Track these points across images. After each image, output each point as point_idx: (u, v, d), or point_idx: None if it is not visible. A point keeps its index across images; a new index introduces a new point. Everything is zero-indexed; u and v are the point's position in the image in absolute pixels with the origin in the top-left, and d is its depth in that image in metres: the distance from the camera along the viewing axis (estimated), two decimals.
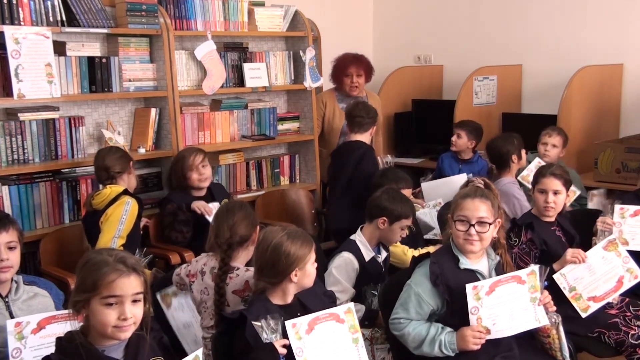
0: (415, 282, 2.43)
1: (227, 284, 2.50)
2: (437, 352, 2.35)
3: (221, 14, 4.35)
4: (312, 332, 2.13)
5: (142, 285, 1.84)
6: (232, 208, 2.65)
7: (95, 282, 1.78)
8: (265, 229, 2.37)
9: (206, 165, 3.82)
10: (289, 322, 2.10)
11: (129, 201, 3.30)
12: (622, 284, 2.84)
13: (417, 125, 5.58)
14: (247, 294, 2.46)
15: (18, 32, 3.43)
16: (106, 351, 1.81)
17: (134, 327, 1.82)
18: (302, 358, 2.08)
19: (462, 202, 2.45)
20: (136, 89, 4.02)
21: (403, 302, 2.43)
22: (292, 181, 4.93)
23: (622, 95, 5.00)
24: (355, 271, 2.95)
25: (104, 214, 3.27)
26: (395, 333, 2.45)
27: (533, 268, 2.46)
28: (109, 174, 3.38)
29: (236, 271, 2.54)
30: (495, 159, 3.97)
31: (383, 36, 6.15)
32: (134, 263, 1.84)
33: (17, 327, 2.12)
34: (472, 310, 2.33)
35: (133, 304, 1.81)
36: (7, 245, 2.30)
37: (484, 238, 2.42)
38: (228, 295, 2.50)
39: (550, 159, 4.12)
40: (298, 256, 2.23)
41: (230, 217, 2.60)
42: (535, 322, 2.42)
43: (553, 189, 3.00)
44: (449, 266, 2.42)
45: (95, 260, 1.82)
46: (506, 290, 2.38)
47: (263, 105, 4.76)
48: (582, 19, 5.05)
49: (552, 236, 3.00)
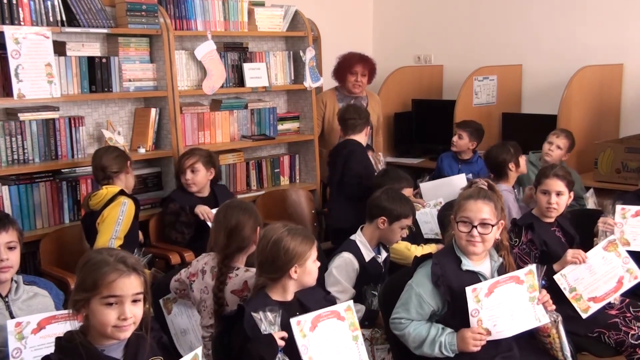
0: (416, 282, 2.43)
1: (226, 284, 2.51)
2: (437, 353, 2.36)
3: (221, 14, 4.35)
4: (315, 330, 2.13)
5: (142, 285, 1.84)
6: (232, 212, 2.61)
7: (96, 282, 1.78)
8: (267, 226, 2.37)
9: (197, 170, 3.76)
10: (294, 320, 2.10)
11: (125, 202, 3.28)
12: (622, 284, 2.85)
13: (417, 125, 5.59)
14: (246, 294, 2.46)
15: (18, 32, 3.42)
16: (106, 351, 1.81)
17: (133, 327, 1.82)
18: (307, 356, 2.09)
19: (465, 203, 2.45)
20: (136, 89, 4.01)
21: (404, 302, 2.43)
22: (292, 181, 4.93)
23: (622, 95, 5.00)
24: (355, 271, 2.95)
25: (100, 215, 3.26)
26: (396, 333, 2.45)
27: (531, 267, 2.46)
28: (106, 174, 3.36)
29: (236, 271, 2.54)
30: (493, 168, 3.93)
31: (383, 36, 6.15)
32: (134, 263, 1.84)
33: (18, 327, 2.12)
34: (473, 313, 2.33)
35: (133, 304, 1.81)
36: (6, 245, 2.29)
37: (486, 240, 2.41)
38: (227, 295, 2.50)
39: (551, 159, 4.12)
40: (298, 252, 2.23)
41: (229, 223, 2.57)
42: (536, 321, 2.42)
43: (556, 190, 3.00)
44: (451, 267, 2.42)
45: (95, 259, 1.82)
46: (505, 291, 2.38)
47: (263, 105, 4.76)
48: (582, 19, 5.05)
49: (552, 237, 3.01)
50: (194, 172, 3.76)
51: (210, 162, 3.82)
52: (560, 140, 4.19)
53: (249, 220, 2.59)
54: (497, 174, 3.89)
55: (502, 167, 3.86)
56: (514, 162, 3.85)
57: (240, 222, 2.57)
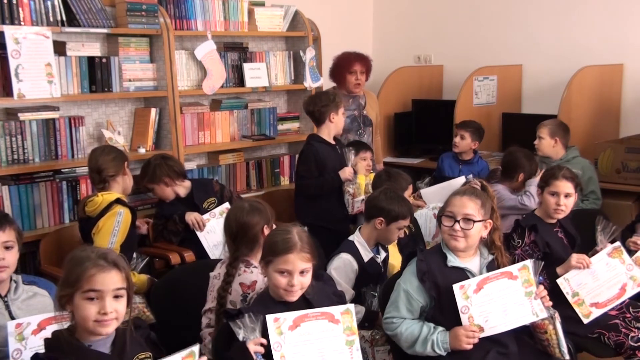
0: (403, 280, 2.45)
1: (239, 274, 2.53)
2: (429, 352, 2.35)
3: (221, 14, 4.36)
4: (296, 329, 2.11)
5: (123, 281, 1.86)
6: (234, 216, 2.64)
7: (78, 277, 1.82)
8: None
9: (152, 189, 3.69)
10: (270, 317, 2.09)
11: (121, 211, 3.17)
12: (625, 291, 2.84)
13: (417, 125, 5.58)
14: (249, 292, 2.50)
15: (18, 32, 3.43)
16: (93, 346, 1.85)
17: (116, 323, 1.85)
18: (279, 353, 2.07)
19: (451, 199, 2.49)
20: (136, 89, 4.02)
21: (393, 300, 2.45)
22: (292, 181, 4.91)
23: (622, 95, 4.99)
24: (354, 272, 2.94)
25: (95, 225, 3.17)
26: (389, 333, 2.46)
27: (525, 263, 2.46)
28: (102, 177, 3.26)
29: (252, 268, 2.57)
30: (505, 167, 3.95)
31: (383, 36, 6.14)
32: (114, 259, 1.87)
33: (18, 328, 2.12)
34: (463, 310, 2.33)
35: (115, 300, 1.84)
36: (3, 244, 2.29)
37: (468, 235, 2.41)
38: (234, 285, 2.52)
39: (542, 153, 4.13)
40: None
41: (231, 229, 2.61)
42: (533, 316, 2.42)
43: (565, 192, 2.99)
44: (436, 263, 2.43)
45: (78, 256, 1.88)
46: (497, 287, 2.38)
47: (263, 105, 4.76)
48: (582, 19, 5.05)
49: (555, 238, 3.00)
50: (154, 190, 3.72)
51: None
52: (540, 131, 4.15)
53: (253, 220, 2.60)
54: (505, 174, 3.90)
55: (513, 171, 3.88)
56: (525, 174, 3.88)
57: (243, 225, 2.59)
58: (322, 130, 3.96)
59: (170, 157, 3.75)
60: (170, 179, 3.63)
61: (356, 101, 4.78)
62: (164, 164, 3.62)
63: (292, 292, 2.19)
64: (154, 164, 3.63)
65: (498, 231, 2.57)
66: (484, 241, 2.52)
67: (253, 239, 2.60)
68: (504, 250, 2.60)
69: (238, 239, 2.60)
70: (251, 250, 2.61)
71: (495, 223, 2.53)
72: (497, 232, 2.56)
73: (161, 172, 3.61)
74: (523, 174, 3.88)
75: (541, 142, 4.15)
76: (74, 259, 1.87)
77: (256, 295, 2.36)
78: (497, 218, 2.55)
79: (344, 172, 3.83)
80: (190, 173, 4.17)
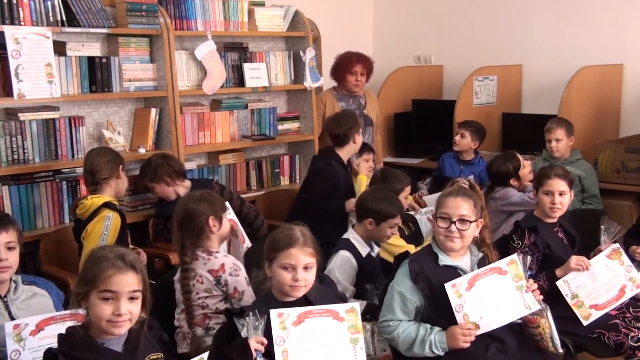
0: (397, 281, 2.45)
1: (204, 263, 2.62)
2: (427, 353, 2.35)
3: (221, 14, 4.35)
4: (300, 325, 2.12)
5: (139, 283, 1.87)
6: (181, 205, 2.75)
7: (95, 276, 1.83)
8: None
9: (152, 188, 3.71)
10: (274, 311, 2.10)
11: (109, 216, 3.13)
12: (624, 292, 2.83)
13: (417, 125, 5.58)
14: (220, 274, 2.59)
15: (18, 32, 3.43)
16: (106, 344, 1.85)
17: (129, 324, 1.86)
18: (282, 348, 2.07)
19: (444, 200, 2.48)
20: (136, 89, 4.02)
21: (388, 303, 2.44)
22: (292, 181, 4.93)
23: (622, 95, 4.99)
24: (354, 269, 2.95)
25: (84, 229, 3.15)
26: (386, 337, 2.46)
27: (513, 257, 2.47)
28: (95, 179, 3.24)
29: (215, 253, 2.66)
30: (496, 184, 3.93)
31: (383, 36, 6.14)
32: (132, 260, 1.88)
33: (16, 329, 2.11)
34: (457, 308, 2.33)
35: (130, 301, 1.85)
36: (6, 245, 2.29)
37: (464, 235, 2.42)
38: (204, 273, 2.61)
39: (561, 154, 4.09)
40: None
41: (178, 215, 2.71)
42: (526, 309, 2.42)
43: (559, 190, 2.99)
44: (428, 263, 2.43)
45: (98, 254, 1.89)
46: (488, 283, 2.39)
47: (263, 105, 4.76)
48: (581, 19, 5.05)
49: (555, 239, 3.00)
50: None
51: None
52: (555, 133, 4.10)
53: (199, 208, 2.67)
54: (501, 186, 3.90)
55: (504, 182, 3.88)
56: (514, 175, 3.86)
57: (189, 212, 2.67)
58: (343, 151, 3.97)
59: (170, 156, 3.76)
60: (171, 179, 3.64)
61: (356, 101, 4.79)
62: (165, 164, 3.64)
63: (297, 287, 2.20)
64: (155, 163, 3.64)
65: (487, 229, 2.59)
66: (474, 239, 2.53)
67: (198, 227, 2.66)
68: (493, 248, 2.61)
69: (184, 227, 2.66)
70: (198, 239, 2.66)
71: (485, 221, 2.54)
72: (486, 229, 2.57)
73: (162, 172, 3.63)
74: (513, 178, 3.87)
75: (560, 143, 4.10)
76: (92, 257, 1.89)
77: (259, 296, 2.36)
78: (485, 216, 2.56)
79: (349, 203, 3.71)
80: (190, 173, 4.17)
